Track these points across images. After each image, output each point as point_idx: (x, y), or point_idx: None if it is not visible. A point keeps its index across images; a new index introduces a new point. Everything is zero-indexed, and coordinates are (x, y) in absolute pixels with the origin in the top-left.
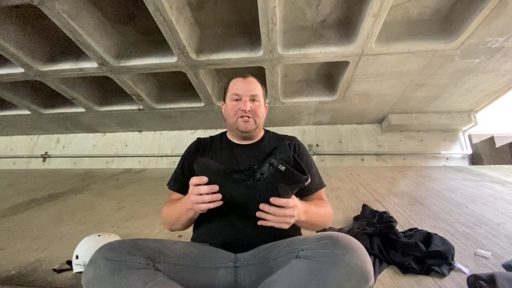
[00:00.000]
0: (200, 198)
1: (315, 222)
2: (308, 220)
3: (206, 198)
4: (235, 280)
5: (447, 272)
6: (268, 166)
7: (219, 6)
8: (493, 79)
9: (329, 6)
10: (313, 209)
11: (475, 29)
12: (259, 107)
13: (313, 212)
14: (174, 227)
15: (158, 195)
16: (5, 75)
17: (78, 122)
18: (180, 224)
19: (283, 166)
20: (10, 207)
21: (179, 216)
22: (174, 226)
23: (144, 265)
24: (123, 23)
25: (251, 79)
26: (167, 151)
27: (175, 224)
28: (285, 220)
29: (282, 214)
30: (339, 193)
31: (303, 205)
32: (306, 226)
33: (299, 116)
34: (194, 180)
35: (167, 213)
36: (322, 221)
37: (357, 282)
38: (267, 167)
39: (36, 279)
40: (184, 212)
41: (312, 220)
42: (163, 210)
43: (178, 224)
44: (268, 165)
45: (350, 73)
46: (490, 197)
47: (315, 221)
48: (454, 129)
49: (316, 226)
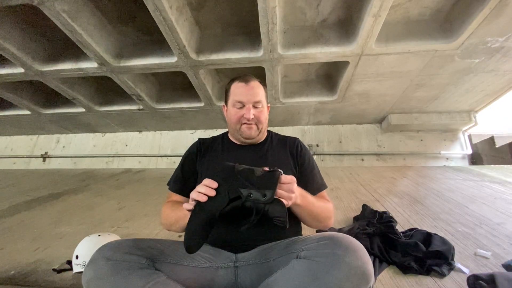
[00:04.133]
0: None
1: (312, 211)
2: (304, 206)
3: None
4: (235, 280)
5: (447, 272)
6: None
7: (219, 6)
8: (493, 79)
9: (329, 6)
10: (309, 197)
11: (475, 29)
12: (262, 112)
13: (310, 200)
14: (172, 229)
15: (158, 195)
16: (5, 75)
17: (78, 122)
18: (178, 227)
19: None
20: (10, 207)
21: (178, 220)
22: (172, 227)
23: (144, 265)
24: (123, 23)
25: (253, 84)
26: (167, 151)
27: (173, 226)
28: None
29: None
30: (339, 193)
31: (300, 189)
32: (304, 215)
33: (299, 116)
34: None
35: (167, 214)
36: (320, 214)
37: (357, 283)
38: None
39: (36, 279)
40: (182, 217)
41: (309, 208)
42: (163, 211)
43: (176, 226)
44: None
45: (350, 73)
46: (490, 197)
47: (312, 210)
48: (454, 129)
49: (314, 218)
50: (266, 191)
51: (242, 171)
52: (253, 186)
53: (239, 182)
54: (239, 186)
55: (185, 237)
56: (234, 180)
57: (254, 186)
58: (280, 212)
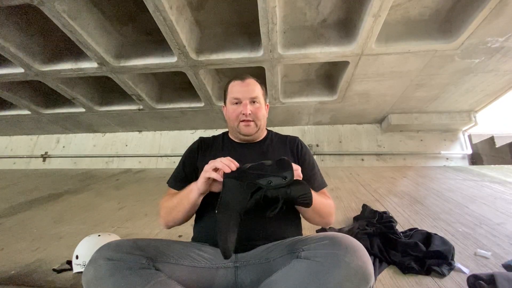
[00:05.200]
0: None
1: (318, 207)
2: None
3: (224, 161)
4: (235, 280)
5: (447, 272)
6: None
7: (219, 6)
8: (493, 79)
9: (329, 6)
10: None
11: (475, 29)
12: (259, 108)
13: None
14: (171, 217)
15: (158, 195)
16: (5, 75)
17: (78, 122)
18: (179, 211)
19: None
20: (10, 207)
21: (181, 200)
22: (171, 215)
23: (144, 265)
24: (123, 23)
25: (249, 81)
26: (167, 151)
27: (173, 212)
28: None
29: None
30: (339, 193)
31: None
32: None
33: (299, 116)
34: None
35: (166, 200)
36: (323, 209)
37: (357, 283)
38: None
39: (36, 279)
40: (186, 195)
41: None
42: (162, 201)
43: (176, 211)
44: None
45: (350, 73)
46: (490, 197)
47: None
48: (454, 129)
49: (316, 213)
50: (285, 173)
51: (252, 167)
52: (270, 174)
53: (254, 176)
54: (254, 179)
55: (220, 244)
56: (247, 177)
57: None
58: (303, 189)
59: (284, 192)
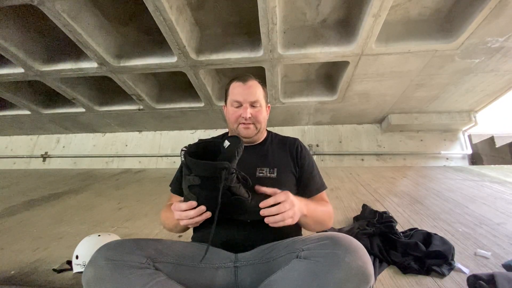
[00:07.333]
0: (184, 214)
1: (317, 217)
2: (310, 214)
3: (191, 213)
4: (235, 280)
5: (447, 272)
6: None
7: (219, 6)
8: (493, 79)
9: (329, 6)
10: (312, 204)
11: (475, 29)
12: (260, 112)
13: (313, 207)
14: (168, 228)
15: (158, 195)
16: (5, 75)
17: (78, 122)
18: (177, 231)
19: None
20: (10, 207)
21: (176, 225)
22: (172, 231)
23: (144, 264)
24: (123, 23)
25: (251, 83)
26: (167, 151)
27: (173, 230)
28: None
29: (277, 211)
30: (339, 193)
31: (301, 199)
32: (309, 223)
33: (299, 116)
34: (182, 206)
35: (165, 218)
36: (324, 219)
37: (357, 283)
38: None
39: (36, 279)
40: (177, 223)
41: (314, 215)
42: (162, 214)
43: (175, 230)
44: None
45: (350, 73)
46: (490, 197)
47: (317, 217)
48: (454, 129)
49: (318, 224)
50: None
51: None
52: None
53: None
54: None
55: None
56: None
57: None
58: (235, 144)
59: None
